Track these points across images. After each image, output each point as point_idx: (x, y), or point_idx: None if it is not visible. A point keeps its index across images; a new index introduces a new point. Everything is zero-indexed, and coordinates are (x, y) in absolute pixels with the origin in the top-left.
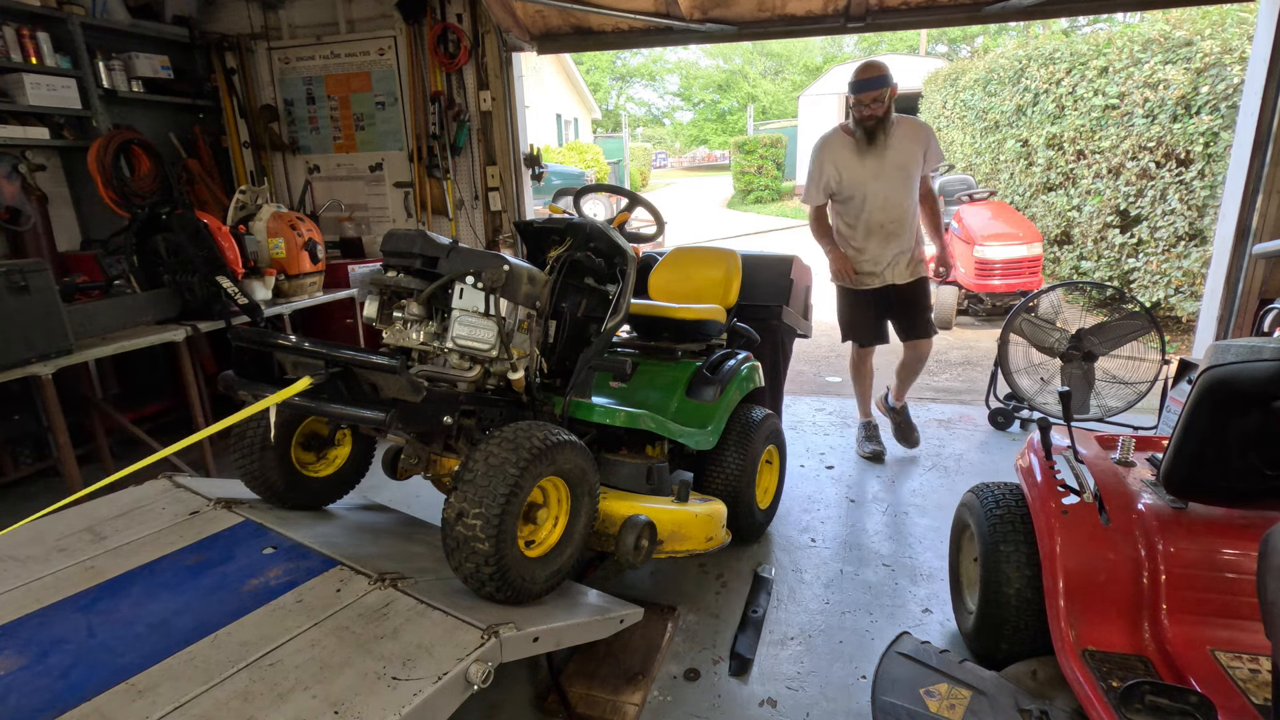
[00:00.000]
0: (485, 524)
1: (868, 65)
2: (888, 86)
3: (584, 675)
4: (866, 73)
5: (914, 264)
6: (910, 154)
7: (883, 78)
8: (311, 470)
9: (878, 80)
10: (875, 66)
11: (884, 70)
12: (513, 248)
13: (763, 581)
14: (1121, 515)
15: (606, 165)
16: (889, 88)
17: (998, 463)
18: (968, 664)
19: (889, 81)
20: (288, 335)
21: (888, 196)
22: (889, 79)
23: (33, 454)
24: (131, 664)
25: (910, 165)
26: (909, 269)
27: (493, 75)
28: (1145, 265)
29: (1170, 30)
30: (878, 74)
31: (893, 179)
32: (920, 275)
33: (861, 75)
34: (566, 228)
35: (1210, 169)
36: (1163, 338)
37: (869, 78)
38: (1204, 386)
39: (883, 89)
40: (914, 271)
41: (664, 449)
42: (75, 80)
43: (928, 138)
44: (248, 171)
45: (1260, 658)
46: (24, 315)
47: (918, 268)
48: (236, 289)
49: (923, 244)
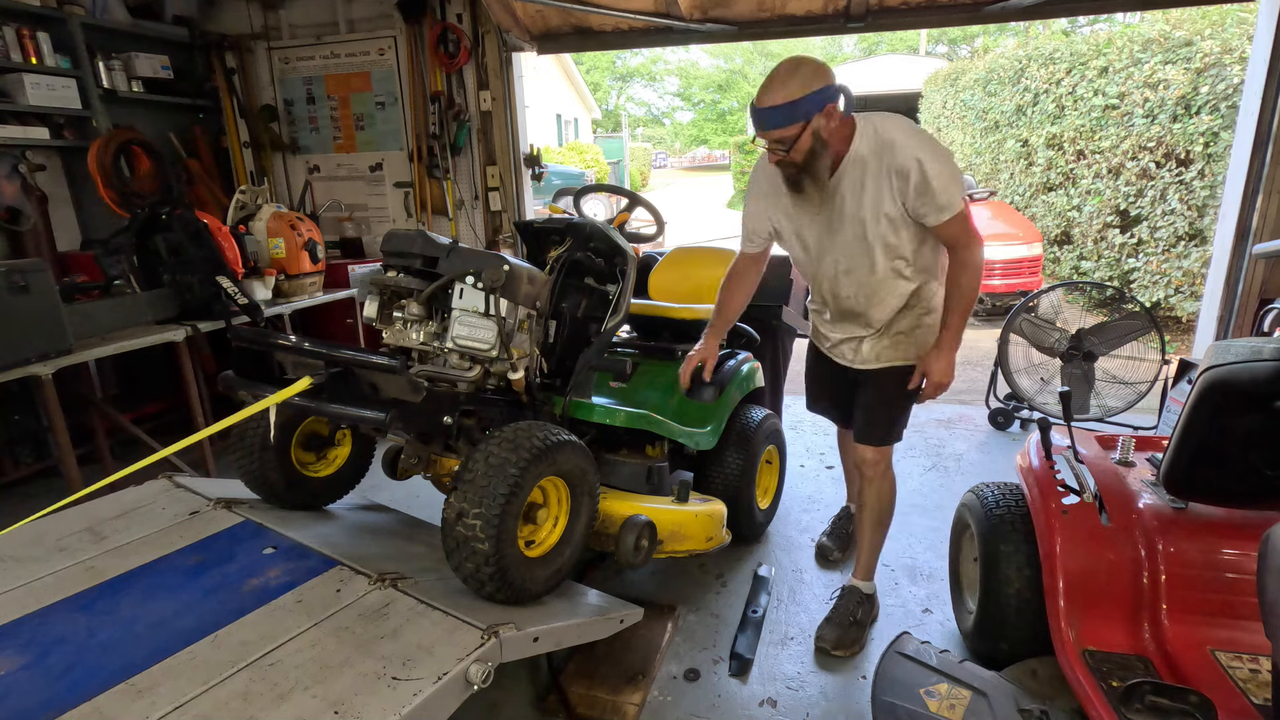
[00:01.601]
0: (485, 524)
1: (770, 81)
2: (799, 122)
3: (584, 675)
4: (764, 96)
5: (889, 348)
6: (874, 201)
7: (790, 107)
8: (311, 470)
9: (779, 114)
10: (781, 85)
11: (795, 93)
12: (513, 248)
13: (763, 581)
14: (1121, 515)
15: (606, 165)
16: (801, 124)
17: (998, 463)
18: (968, 664)
19: (803, 112)
20: (288, 335)
21: (840, 262)
22: (805, 106)
23: (33, 454)
24: (131, 664)
25: (873, 220)
26: (875, 353)
27: (493, 75)
28: (1145, 265)
29: (1170, 30)
30: (782, 100)
31: (846, 240)
32: (893, 364)
33: (758, 99)
34: (566, 228)
35: (1210, 169)
36: (1163, 338)
37: (764, 108)
38: (1204, 386)
39: (790, 127)
40: (882, 358)
41: (664, 449)
42: (75, 80)
43: (908, 167)
44: (248, 171)
45: (1260, 658)
46: (24, 315)
47: (895, 352)
48: (236, 289)
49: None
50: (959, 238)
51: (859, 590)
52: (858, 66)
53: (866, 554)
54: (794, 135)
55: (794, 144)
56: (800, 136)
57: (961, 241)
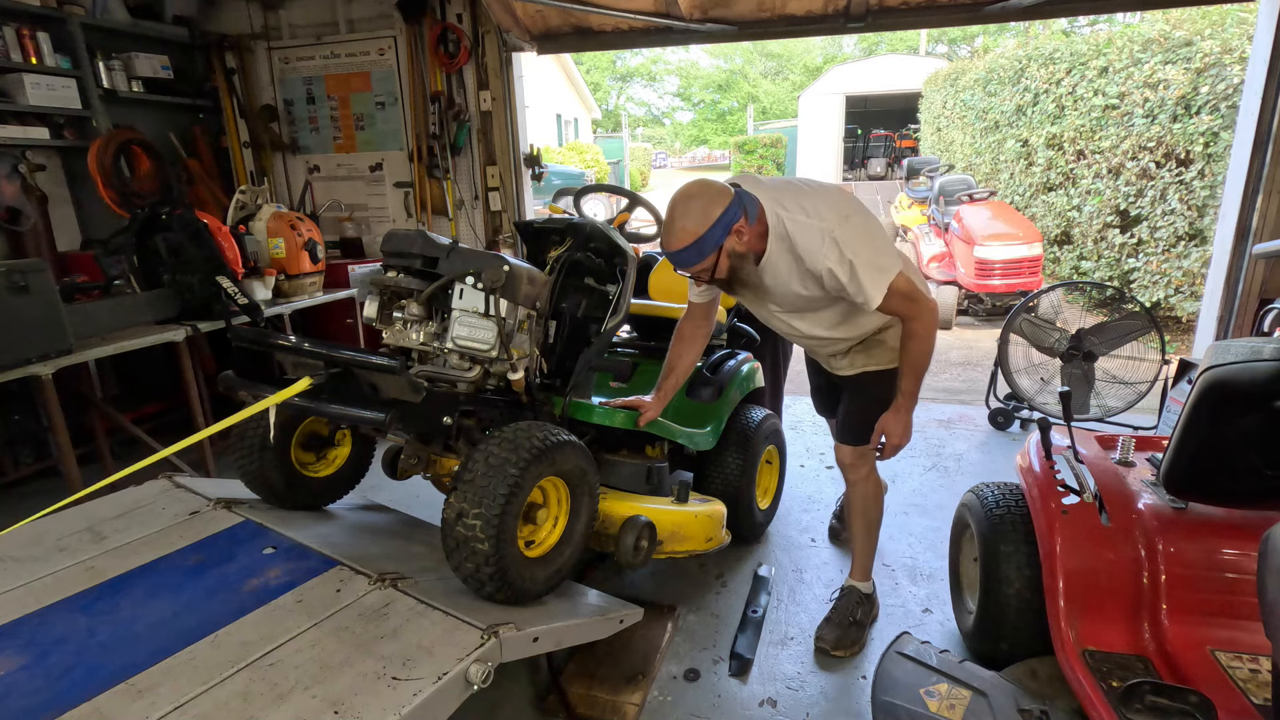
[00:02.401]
0: (485, 524)
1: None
2: (710, 254)
3: (584, 675)
4: (669, 239)
5: (862, 354)
6: (802, 282)
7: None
8: (311, 470)
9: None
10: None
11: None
12: (513, 248)
13: (763, 581)
14: (1121, 515)
15: (606, 165)
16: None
17: (998, 463)
18: (968, 664)
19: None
20: (288, 335)
21: (788, 318)
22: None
23: (33, 454)
24: (131, 664)
25: (807, 293)
26: (850, 361)
27: (493, 75)
28: (1145, 265)
29: (1170, 30)
30: (688, 241)
31: (789, 303)
32: (866, 369)
33: (665, 242)
34: (566, 228)
35: (1210, 169)
36: (1163, 338)
37: (673, 251)
38: (1204, 386)
39: (704, 260)
40: (856, 364)
41: (664, 449)
42: (75, 80)
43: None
44: (248, 171)
45: (1260, 658)
46: (24, 315)
47: (869, 359)
48: (236, 289)
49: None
50: (899, 312)
51: (858, 590)
52: (858, 66)
53: (860, 555)
54: (711, 265)
55: (714, 270)
56: (717, 263)
57: (904, 314)
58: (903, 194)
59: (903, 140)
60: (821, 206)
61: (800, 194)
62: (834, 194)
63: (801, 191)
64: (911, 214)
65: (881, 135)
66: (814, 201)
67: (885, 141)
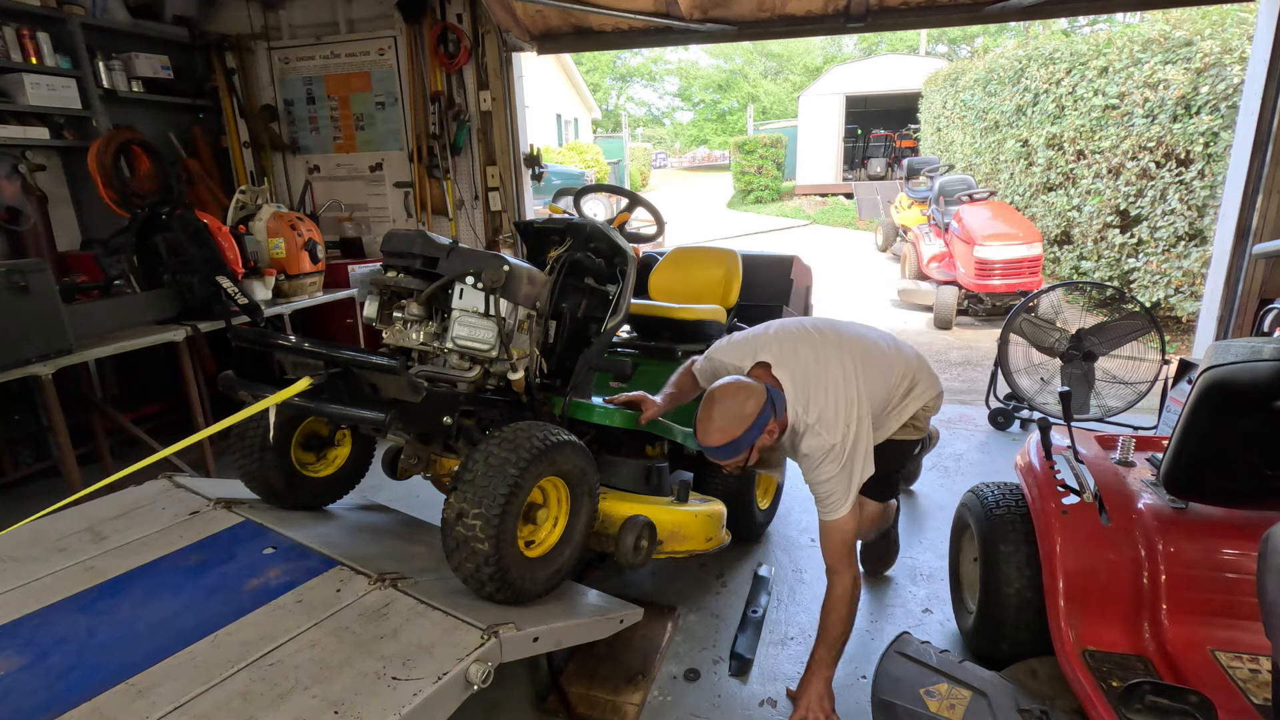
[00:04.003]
0: (485, 524)
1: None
2: (744, 451)
3: (584, 675)
4: (706, 435)
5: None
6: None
7: (732, 445)
8: (311, 470)
9: (724, 451)
10: (719, 430)
11: (736, 432)
12: (513, 248)
13: (763, 581)
14: (1121, 515)
15: (606, 165)
16: (746, 452)
17: (998, 463)
18: (968, 664)
19: (747, 443)
20: (288, 335)
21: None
22: (748, 438)
23: (33, 454)
24: (131, 664)
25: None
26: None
27: (493, 75)
28: (1145, 265)
29: (1170, 30)
30: (726, 440)
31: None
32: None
33: (702, 436)
34: (566, 228)
35: (1210, 169)
36: (1163, 338)
37: (710, 447)
38: (1204, 386)
39: (737, 457)
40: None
41: (664, 449)
42: (75, 80)
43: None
44: (248, 171)
45: (1260, 658)
46: (24, 315)
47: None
48: (236, 289)
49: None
50: (831, 553)
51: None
52: (857, 66)
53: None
54: (743, 460)
55: (745, 462)
56: (749, 457)
57: (833, 563)
58: (903, 194)
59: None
60: (834, 415)
61: (820, 388)
62: (851, 392)
63: (822, 384)
64: (911, 214)
65: (881, 135)
66: (831, 403)
67: (885, 141)
